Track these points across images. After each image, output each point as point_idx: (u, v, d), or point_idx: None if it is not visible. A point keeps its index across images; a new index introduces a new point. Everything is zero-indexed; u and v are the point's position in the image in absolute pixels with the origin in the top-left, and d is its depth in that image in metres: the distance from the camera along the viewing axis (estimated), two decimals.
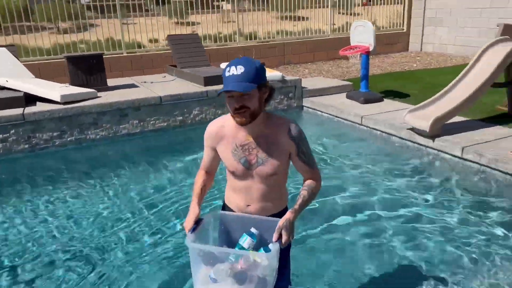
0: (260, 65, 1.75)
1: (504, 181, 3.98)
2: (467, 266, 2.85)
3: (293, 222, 1.77)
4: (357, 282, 2.73)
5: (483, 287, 2.63)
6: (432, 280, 2.71)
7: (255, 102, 1.72)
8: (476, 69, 5.06)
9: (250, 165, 1.85)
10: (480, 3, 10.40)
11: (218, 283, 1.70)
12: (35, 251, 3.16)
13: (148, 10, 12.37)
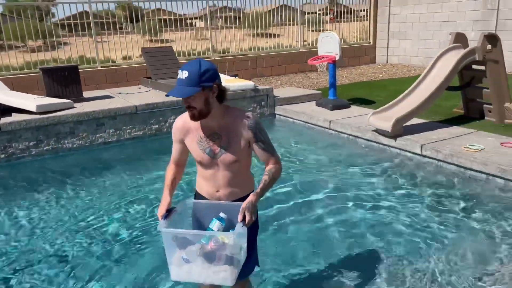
0: (206, 68, 1.87)
1: (458, 173, 4.33)
2: (423, 245, 3.13)
3: (255, 204, 1.93)
4: (324, 264, 2.95)
5: (438, 263, 2.90)
6: (392, 258, 2.97)
7: (200, 103, 1.88)
8: (431, 75, 5.48)
9: (214, 154, 2.03)
10: (439, 17, 11.09)
11: (190, 263, 1.87)
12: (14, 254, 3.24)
13: (122, 28, 12.51)
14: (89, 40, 9.61)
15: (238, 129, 1.99)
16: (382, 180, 4.44)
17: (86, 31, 9.58)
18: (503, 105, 5.49)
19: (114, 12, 12.27)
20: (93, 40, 9.35)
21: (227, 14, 11.15)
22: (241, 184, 2.11)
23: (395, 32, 12.39)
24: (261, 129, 2.03)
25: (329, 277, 2.81)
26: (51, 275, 2.95)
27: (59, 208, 4.06)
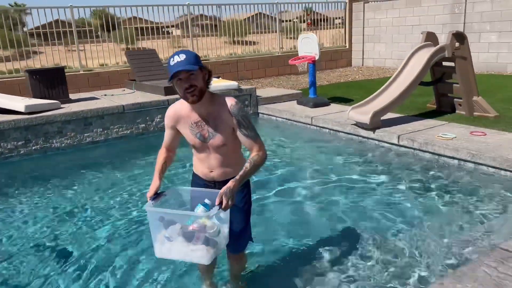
0: (196, 54, 2.07)
1: (433, 160, 4.65)
2: (399, 224, 3.40)
3: (233, 190, 2.01)
4: (306, 239, 3.18)
5: (408, 237, 3.17)
6: (369, 234, 3.22)
7: (200, 81, 2.05)
8: (405, 71, 5.83)
9: (204, 139, 2.21)
10: (410, 21, 11.62)
11: (171, 241, 2.03)
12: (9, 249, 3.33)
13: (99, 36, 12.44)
14: (61, 49, 9.65)
15: (223, 115, 2.14)
16: (362, 168, 4.72)
17: (61, 39, 9.55)
18: (471, 99, 5.88)
19: (90, 21, 12.25)
20: (69, 48, 9.44)
21: (203, 22, 11.28)
22: (232, 165, 2.27)
23: (369, 36, 12.88)
24: (244, 115, 2.16)
25: (311, 249, 3.05)
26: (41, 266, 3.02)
27: (46, 204, 4.13)
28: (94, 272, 2.88)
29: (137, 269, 2.90)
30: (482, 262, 2.32)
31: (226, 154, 2.25)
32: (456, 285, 2.12)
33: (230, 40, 13.03)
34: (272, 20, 13.97)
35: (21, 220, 3.78)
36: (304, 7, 13.80)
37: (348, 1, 13.09)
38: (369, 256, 2.93)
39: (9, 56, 9.51)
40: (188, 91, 2.04)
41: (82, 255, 3.12)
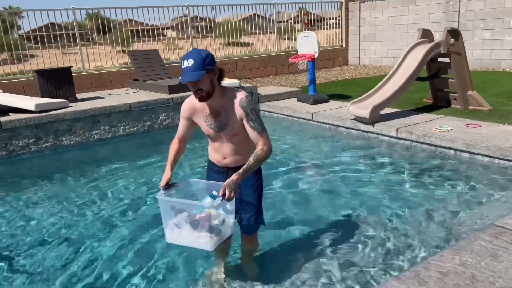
0: (206, 54, 2.18)
1: (430, 151, 4.87)
2: (398, 210, 3.60)
3: (237, 182, 2.16)
4: (311, 223, 3.38)
5: (406, 220, 3.37)
6: (368, 217, 3.43)
7: (207, 84, 2.20)
8: (402, 67, 6.05)
9: (218, 129, 2.40)
10: (405, 20, 11.87)
11: (180, 228, 2.23)
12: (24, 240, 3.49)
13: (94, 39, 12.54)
14: (57, 52, 9.77)
15: (234, 108, 2.30)
16: (362, 159, 4.92)
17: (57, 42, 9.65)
18: (466, 93, 6.11)
19: (85, 23, 12.33)
20: (65, 51, 9.56)
21: (198, 23, 11.41)
22: (244, 153, 2.43)
23: (365, 35, 13.11)
24: (252, 108, 2.30)
25: (314, 232, 3.25)
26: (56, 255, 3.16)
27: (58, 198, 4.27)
28: (107, 261, 3.03)
29: (149, 253, 3.07)
30: (478, 237, 2.52)
31: (238, 143, 2.42)
32: (455, 256, 2.32)
33: (225, 42, 13.20)
34: (267, 21, 14.18)
35: (35, 213, 3.95)
36: (298, 8, 13.97)
37: (344, 0, 13.32)
38: (373, 236, 3.14)
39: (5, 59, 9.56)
40: (196, 92, 2.23)
41: (93, 242, 3.30)
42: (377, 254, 2.92)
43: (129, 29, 12.68)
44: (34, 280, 2.85)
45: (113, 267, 2.94)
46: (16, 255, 3.17)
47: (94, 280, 2.80)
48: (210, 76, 2.20)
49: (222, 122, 2.35)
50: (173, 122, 6.66)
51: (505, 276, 2.12)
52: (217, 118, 2.37)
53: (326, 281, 2.66)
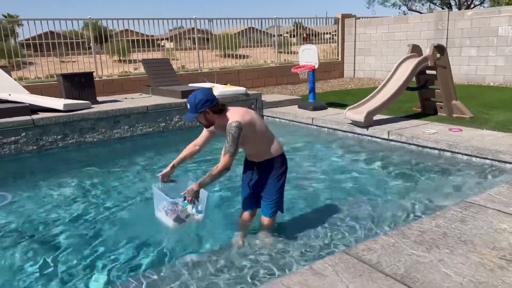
0: (200, 100, 2.78)
1: (417, 151, 5.54)
2: (388, 193, 4.24)
3: (195, 190, 2.91)
4: (313, 212, 4.00)
5: (390, 208, 4.01)
6: (360, 207, 4.06)
7: (203, 120, 2.89)
8: (394, 78, 6.75)
9: None
10: (398, 36, 12.68)
11: (160, 212, 3.10)
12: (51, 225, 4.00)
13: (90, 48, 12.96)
14: (55, 60, 10.24)
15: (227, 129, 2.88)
16: (357, 157, 5.57)
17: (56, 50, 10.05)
18: (451, 103, 6.81)
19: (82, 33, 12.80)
20: (62, 59, 10.17)
21: (195, 35, 11.99)
22: (260, 152, 3.08)
23: (360, 50, 13.90)
24: (230, 133, 2.80)
25: (315, 218, 3.82)
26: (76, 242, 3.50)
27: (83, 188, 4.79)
28: (126, 240, 3.61)
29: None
30: (451, 208, 3.17)
31: (251, 148, 3.09)
32: (432, 221, 2.96)
33: (222, 53, 13.84)
34: (262, 34, 14.92)
35: (65, 200, 4.51)
36: (294, 23, 14.70)
37: (341, 17, 14.14)
38: (366, 215, 3.76)
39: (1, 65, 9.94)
40: (199, 124, 2.99)
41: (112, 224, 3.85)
42: (370, 224, 3.56)
43: (126, 39, 13.22)
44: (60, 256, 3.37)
45: (136, 243, 3.51)
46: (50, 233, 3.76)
47: (126, 257, 3.33)
48: (204, 115, 2.87)
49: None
50: (185, 124, 7.28)
51: (469, 233, 2.76)
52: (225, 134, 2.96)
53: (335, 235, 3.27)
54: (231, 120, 2.85)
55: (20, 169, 5.68)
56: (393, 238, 2.72)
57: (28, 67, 11.15)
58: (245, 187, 3.27)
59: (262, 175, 3.14)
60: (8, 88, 6.80)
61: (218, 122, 2.94)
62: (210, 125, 2.96)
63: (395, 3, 27.34)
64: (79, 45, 10.93)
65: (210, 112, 2.86)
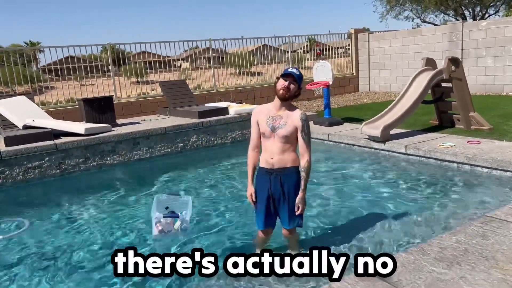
0: (300, 76, 3.02)
1: (435, 165, 5.49)
2: (402, 215, 4.21)
3: (303, 197, 3.03)
4: (331, 224, 4.01)
5: (413, 221, 3.98)
6: (376, 221, 4.04)
7: (293, 91, 2.99)
8: (409, 92, 6.74)
9: (274, 128, 3.07)
10: (412, 49, 12.67)
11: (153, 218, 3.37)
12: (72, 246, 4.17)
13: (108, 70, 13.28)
14: (75, 84, 10.56)
15: (293, 116, 3.01)
16: (374, 172, 5.55)
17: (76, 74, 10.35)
18: (468, 115, 6.75)
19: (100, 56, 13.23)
20: (82, 82, 10.46)
21: (210, 55, 12.18)
22: (289, 156, 3.07)
23: (375, 63, 13.92)
24: (308, 124, 2.99)
25: (332, 234, 3.86)
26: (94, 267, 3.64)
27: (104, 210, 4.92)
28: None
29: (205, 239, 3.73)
30: (472, 224, 3.14)
31: (285, 144, 3.05)
32: (452, 237, 2.94)
33: (236, 71, 14.01)
34: (276, 51, 15.08)
35: (88, 223, 4.64)
36: (307, 38, 14.84)
37: (354, 32, 14.22)
38: (384, 231, 3.74)
39: (23, 92, 10.29)
40: (283, 89, 2.98)
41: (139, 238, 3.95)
42: (388, 241, 3.53)
43: (143, 61, 13.53)
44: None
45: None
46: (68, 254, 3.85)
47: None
48: (297, 90, 3.03)
49: (281, 123, 3.03)
50: (203, 143, 7.40)
51: (491, 249, 2.73)
52: (277, 120, 3.04)
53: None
54: (301, 112, 3.03)
55: (44, 193, 5.84)
56: (413, 255, 2.70)
57: (50, 91, 11.54)
58: (261, 202, 3.17)
59: (286, 185, 3.09)
60: (32, 114, 7.05)
61: (287, 105, 3.07)
62: (288, 97, 3.02)
63: (408, 16, 27.27)
64: (98, 68, 11.26)
65: (298, 91, 3.06)
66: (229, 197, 5.03)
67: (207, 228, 4.10)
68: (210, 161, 6.76)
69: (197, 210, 4.55)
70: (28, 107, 7.26)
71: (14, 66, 10.28)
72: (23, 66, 10.65)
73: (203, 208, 4.68)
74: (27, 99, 7.42)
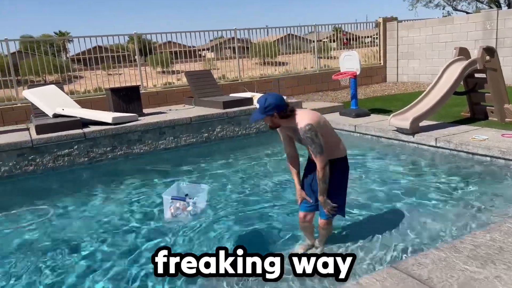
0: (269, 104, 2.83)
1: (467, 159, 5.30)
2: (432, 210, 4.09)
3: (324, 200, 3.01)
4: (364, 213, 3.93)
5: (442, 216, 3.85)
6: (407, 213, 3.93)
7: (269, 121, 2.94)
8: (441, 82, 6.52)
9: (298, 141, 3.08)
10: (443, 38, 12.25)
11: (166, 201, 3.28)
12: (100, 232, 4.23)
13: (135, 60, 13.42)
14: (103, 73, 10.71)
15: (300, 131, 2.90)
16: (403, 165, 5.42)
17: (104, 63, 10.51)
18: (503, 106, 6.48)
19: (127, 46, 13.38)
20: (110, 72, 10.57)
21: (235, 44, 12.09)
22: (326, 152, 2.97)
23: (403, 53, 13.54)
24: (307, 137, 2.87)
25: (360, 229, 3.78)
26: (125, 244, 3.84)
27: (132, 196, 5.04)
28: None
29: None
30: (507, 221, 3.01)
31: None
32: (486, 234, 2.82)
33: (260, 61, 13.91)
34: (301, 40, 14.87)
35: (119, 209, 4.72)
36: (333, 28, 14.56)
37: (382, 21, 13.86)
38: (414, 226, 3.64)
39: (53, 81, 10.54)
40: (270, 127, 3.02)
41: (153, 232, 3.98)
42: (419, 236, 3.44)
43: (168, 51, 13.61)
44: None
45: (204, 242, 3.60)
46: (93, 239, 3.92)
47: None
48: (270, 118, 2.92)
49: (297, 137, 3.06)
50: (227, 134, 7.40)
51: None
52: (294, 135, 3.06)
53: (384, 246, 3.20)
54: (302, 124, 2.89)
55: (74, 180, 5.97)
56: (445, 252, 2.62)
57: (78, 81, 11.76)
58: (306, 188, 3.23)
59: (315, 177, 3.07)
60: (61, 102, 7.20)
61: (285, 125, 3.00)
62: (275, 127, 3.01)
63: (439, 4, 26.44)
64: (125, 58, 11.40)
65: (277, 116, 2.93)
66: (254, 187, 5.03)
67: (228, 216, 4.16)
68: (234, 151, 6.76)
69: (221, 200, 4.60)
70: (58, 96, 7.42)
71: (45, 56, 10.51)
72: (53, 56, 10.84)
73: (226, 198, 4.70)
74: (57, 88, 7.58)
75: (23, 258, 3.57)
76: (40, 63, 10.29)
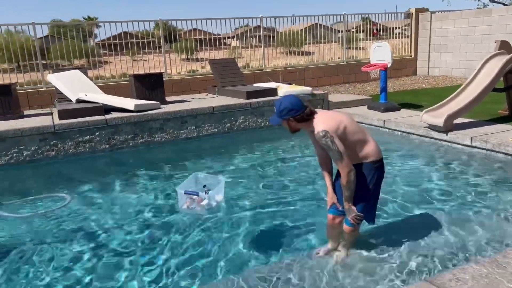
0: (285, 107, 2.72)
1: (506, 160, 4.96)
2: (470, 218, 3.80)
3: (348, 209, 2.85)
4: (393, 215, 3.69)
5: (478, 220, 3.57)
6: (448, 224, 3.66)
7: (286, 126, 2.82)
8: (479, 77, 6.13)
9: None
10: (480, 31, 11.65)
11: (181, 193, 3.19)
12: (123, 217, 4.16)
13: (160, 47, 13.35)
14: (128, 59, 10.64)
15: (316, 136, 2.73)
16: (436, 166, 5.11)
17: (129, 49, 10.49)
18: None
19: (153, 32, 13.32)
20: (135, 58, 10.47)
21: (261, 33, 11.81)
22: (351, 155, 2.78)
23: (436, 46, 12.98)
24: (323, 144, 2.70)
25: (391, 236, 3.55)
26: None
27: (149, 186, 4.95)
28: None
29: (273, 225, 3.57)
30: None
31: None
32: None
33: (286, 51, 13.58)
34: (328, 30, 14.44)
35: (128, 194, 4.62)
36: (361, 18, 14.07)
37: (415, 11, 13.31)
38: (451, 237, 3.38)
39: (81, 65, 10.59)
40: (289, 131, 2.88)
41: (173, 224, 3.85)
42: (456, 248, 3.17)
43: (193, 38, 13.50)
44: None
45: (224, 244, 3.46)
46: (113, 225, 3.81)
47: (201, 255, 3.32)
48: (288, 123, 2.80)
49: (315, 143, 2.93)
50: (249, 125, 7.21)
51: None
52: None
53: (420, 260, 2.97)
54: (317, 130, 2.73)
55: (95, 166, 5.91)
56: (486, 268, 2.37)
57: (103, 66, 11.77)
58: (338, 190, 3.01)
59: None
60: (85, 87, 7.15)
61: (304, 128, 2.85)
62: (293, 132, 2.87)
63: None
64: (150, 45, 11.33)
65: (294, 120, 2.78)
66: (275, 181, 4.87)
67: (246, 211, 4.02)
68: (257, 143, 6.58)
69: (240, 193, 4.47)
70: (81, 80, 7.37)
71: (73, 41, 10.55)
72: (81, 41, 10.90)
73: (247, 191, 4.56)
74: (81, 73, 7.53)
75: (40, 244, 3.51)
76: (68, 48, 10.32)
